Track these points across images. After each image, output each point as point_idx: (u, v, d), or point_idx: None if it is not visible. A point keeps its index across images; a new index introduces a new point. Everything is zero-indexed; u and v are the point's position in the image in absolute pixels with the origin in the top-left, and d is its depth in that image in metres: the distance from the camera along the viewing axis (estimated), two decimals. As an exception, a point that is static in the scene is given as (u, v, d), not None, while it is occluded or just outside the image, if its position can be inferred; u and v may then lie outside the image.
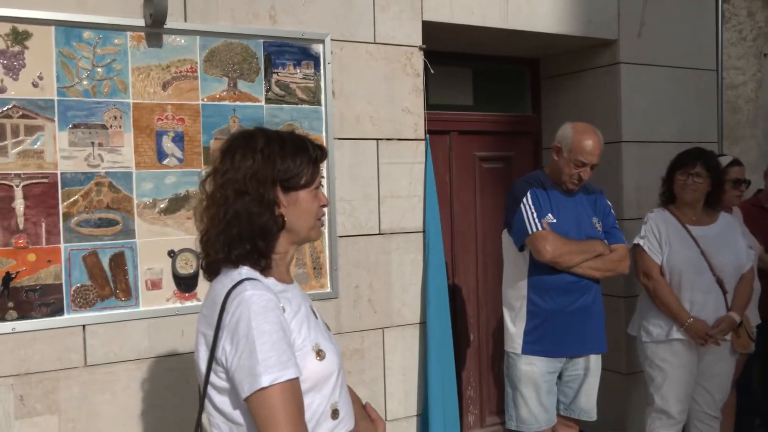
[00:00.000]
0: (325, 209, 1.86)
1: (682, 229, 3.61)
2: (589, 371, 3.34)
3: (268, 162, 1.71)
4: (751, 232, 4.23)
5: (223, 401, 1.67)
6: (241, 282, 1.64)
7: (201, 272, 1.82)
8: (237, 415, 1.66)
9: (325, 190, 3.40)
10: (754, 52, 5.54)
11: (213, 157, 1.81)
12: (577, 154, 3.23)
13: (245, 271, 1.69)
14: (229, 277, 1.68)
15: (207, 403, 1.70)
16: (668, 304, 3.52)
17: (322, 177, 1.86)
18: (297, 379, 1.60)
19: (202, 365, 1.68)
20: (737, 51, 5.44)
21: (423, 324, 3.83)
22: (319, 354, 1.70)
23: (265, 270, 1.73)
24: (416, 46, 3.84)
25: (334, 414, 1.74)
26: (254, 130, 1.79)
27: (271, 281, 1.73)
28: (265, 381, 1.54)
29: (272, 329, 1.58)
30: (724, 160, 4.15)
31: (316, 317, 1.82)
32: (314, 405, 1.69)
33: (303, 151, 1.76)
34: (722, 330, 3.52)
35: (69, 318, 2.99)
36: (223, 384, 1.65)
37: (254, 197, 1.69)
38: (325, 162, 1.88)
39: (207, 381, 1.67)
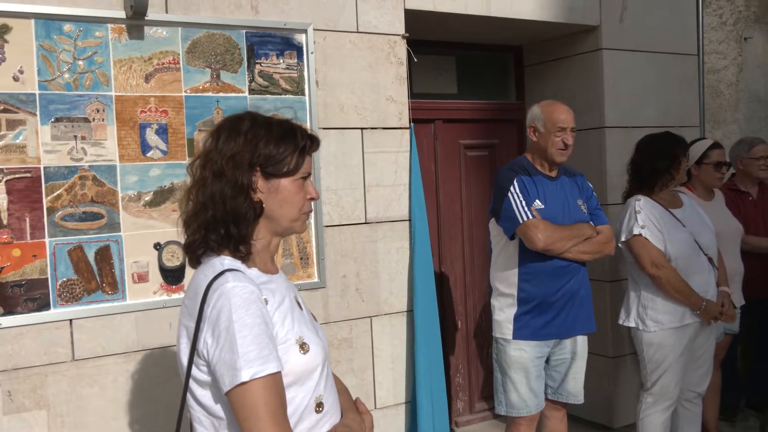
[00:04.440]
0: (313, 203, 1.81)
1: (669, 215, 3.62)
2: (576, 355, 3.37)
3: (249, 145, 1.66)
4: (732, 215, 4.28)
5: (204, 395, 1.63)
6: (222, 273, 1.60)
7: (186, 259, 1.78)
8: (218, 409, 1.62)
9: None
10: (734, 37, 5.58)
11: (204, 139, 1.78)
12: (554, 122, 3.28)
13: (227, 261, 1.65)
14: (211, 267, 1.64)
15: (188, 396, 1.66)
16: (682, 291, 3.48)
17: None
18: (279, 373, 1.55)
19: (184, 358, 1.64)
20: (718, 35, 5.48)
21: (410, 312, 3.85)
22: (303, 347, 1.66)
23: (246, 259, 1.68)
24: (399, 35, 3.83)
25: (319, 407, 1.70)
26: (244, 113, 1.75)
27: (254, 272, 1.68)
28: (245, 375, 1.50)
29: (254, 322, 1.54)
30: (705, 144, 4.18)
31: (301, 308, 1.78)
32: (297, 399, 1.65)
33: (289, 138, 1.70)
34: (729, 306, 3.59)
35: (55, 312, 2.98)
36: (205, 377, 1.61)
37: (230, 180, 1.64)
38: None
39: (189, 374, 1.63)
